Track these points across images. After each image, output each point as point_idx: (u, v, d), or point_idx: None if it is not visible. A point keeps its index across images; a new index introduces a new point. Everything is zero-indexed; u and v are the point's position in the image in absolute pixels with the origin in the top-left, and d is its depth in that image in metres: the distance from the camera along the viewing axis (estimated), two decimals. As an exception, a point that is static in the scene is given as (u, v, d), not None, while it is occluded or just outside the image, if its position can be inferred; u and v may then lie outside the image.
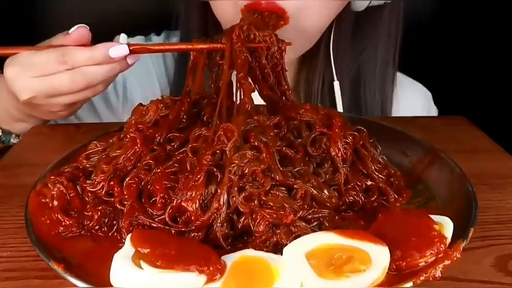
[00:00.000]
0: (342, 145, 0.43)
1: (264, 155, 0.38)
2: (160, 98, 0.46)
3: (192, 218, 0.37)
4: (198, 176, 0.37)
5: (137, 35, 0.73)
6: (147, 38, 0.75)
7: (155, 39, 0.75)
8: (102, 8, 0.83)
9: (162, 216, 0.37)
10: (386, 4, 0.66)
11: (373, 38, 0.69)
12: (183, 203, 0.37)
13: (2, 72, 0.54)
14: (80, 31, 0.49)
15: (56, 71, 0.49)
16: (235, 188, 0.37)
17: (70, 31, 0.50)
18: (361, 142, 0.45)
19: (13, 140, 0.61)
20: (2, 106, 0.59)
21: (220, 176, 0.37)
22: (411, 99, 0.76)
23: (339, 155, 0.42)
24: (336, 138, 0.43)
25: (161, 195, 0.38)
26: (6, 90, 0.55)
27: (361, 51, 0.70)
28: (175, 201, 0.37)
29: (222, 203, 0.36)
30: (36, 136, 0.60)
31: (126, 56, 0.49)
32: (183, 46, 0.51)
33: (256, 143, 0.39)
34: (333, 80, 0.68)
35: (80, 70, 0.48)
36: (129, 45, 0.48)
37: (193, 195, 0.37)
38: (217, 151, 0.38)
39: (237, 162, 0.37)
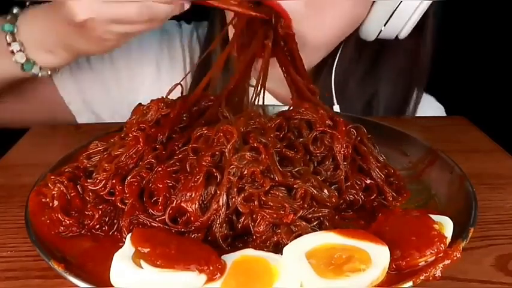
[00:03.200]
0: (345, 143, 0.43)
1: (263, 156, 0.38)
2: (160, 97, 0.46)
3: (192, 218, 0.37)
4: (198, 177, 0.37)
5: None
6: (178, 24, 0.76)
7: (185, 26, 0.76)
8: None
9: (163, 217, 0.37)
10: (398, 37, 0.62)
11: (387, 74, 0.67)
12: (182, 204, 0.37)
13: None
14: None
15: None
16: (235, 189, 0.37)
17: None
18: (359, 138, 0.45)
19: (34, 71, 0.59)
20: (35, 33, 0.58)
21: (219, 177, 0.37)
22: (425, 114, 0.74)
23: (342, 151, 0.42)
24: (340, 136, 0.43)
25: (164, 194, 0.38)
26: (45, 16, 0.55)
27: (375, 84, 0.68)
28: (175, 202, 0.37)
29: (221, 204, 0.36)
30: (36, 136, 0.60)
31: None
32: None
33: (255, 144, 0.39)
34: (333, 104, 0.66)
35: (147, 4, 0.48)
36: None
37: (192, 196, 0.37)
38: (217, 152, 0.38)
39: (235, 163, 0.37)
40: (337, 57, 0.65)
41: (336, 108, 0.66)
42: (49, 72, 0.60)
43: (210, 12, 0.71)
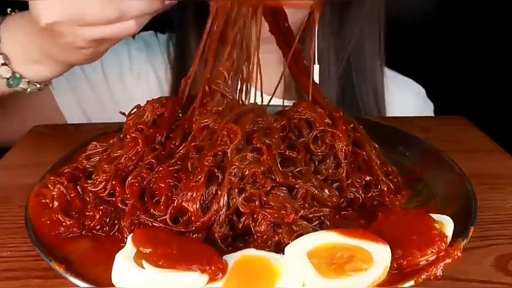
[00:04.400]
0: (346, 141, 0.43)
1: (265, 157, 0.38)
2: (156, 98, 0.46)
3: (193, 218, 0.36)
4: (199, 177, 0.37)
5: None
6: (155, 34, 0.76)
7: (161, 36, 0.76)
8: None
9: (164, 217, 0.37)
10: None
11: (358, 26, 0.69)
12: (183, 204, 0.37)
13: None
14: None
15: None
16: (236, 190, 0.37)
17: None
18: (352, 125, 0.45)
19: (22, 86, 0.54)
20: (18, 43, 0.53)
21: (221, 177, 0.37)
22: (403, 95, 0.76)
23: (343, 150, 0.42)
24: (341, 134, 0.43)
25: (166, 193, 0.38)
26: (26, 24, 0.50)
27: (348, 41, 0.70)
28: (176, 201, 0.37)
29: (222, 205, 0.36)
30: (36, 136, 0.60)
31: None
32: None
33: (258, 145, 0.38)
34: (314, 63, 0.67)
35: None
36: None
37: (193, 195, 0.37)
38: (219, 152, 0.38)
39: (237, 164, 0.37)
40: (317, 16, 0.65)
41: (316, 67, 0.66)
42: (39, 86, 0.55)
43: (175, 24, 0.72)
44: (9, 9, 0.55)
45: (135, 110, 0.46)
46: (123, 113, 0.46)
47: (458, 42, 0.92)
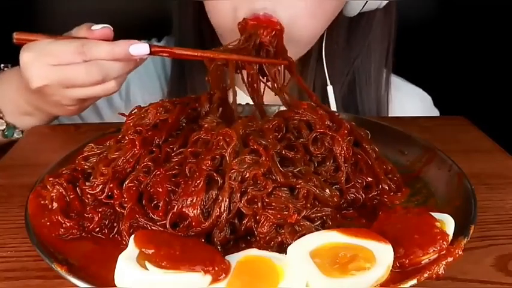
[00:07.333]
0: (346, 145, 0.43)
1: (264, 158, 0.38)
2: (160, 101, 0.46)
3: (194, 224, 0.36)
4: (198, 182, 0.37)
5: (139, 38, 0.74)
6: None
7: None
8: (103, 9, 0.83)
9: (163, 221, 0.37)
10: (378, 8, 0.65)
11: (366, 42, 0.69)
12: (184, 209, 0.37)
13: (16, 64, 0.53)
14: (104, 31, 0.50)
15: (73, 61, 0.49)
16: (238, 194, 0.37)
17: (94, 27, 0.50)
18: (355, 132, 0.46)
19: (16, 135, 0.60)
20: (10, 97, 0.58)
21: (220, 181, 0.37)
22: (409, 103, 0.76)
23: (342, 153, 0.42)
24: (341, 139, 0.43)
25: (164, 198, 0.38)
26: (18, 80, 0.55)
27: (355, 56, 0.70)
28: (176, 207, 0.37)
29: (223, 210, 0.36)
30: (36, 136, 0.60)
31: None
32: (209, 54, 0.49)
33: (255, 147, 0.38)
34: (326, 85, 0.67)
35: (96, 63, 0.49)
36: (150, 45, 0.49)
37: (194, 201, 0.37)
38: (217, 156, 0.38)
39: (236, 168, 0.37)
40: (324, 40, 0.66)
41: (330, 89, 0.67)
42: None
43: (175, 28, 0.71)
44: (2, 65, 0.61)
45: (135, 110, 0.46)
46: (123, 114, 0.47)
47: (459, 42, 0.92)
